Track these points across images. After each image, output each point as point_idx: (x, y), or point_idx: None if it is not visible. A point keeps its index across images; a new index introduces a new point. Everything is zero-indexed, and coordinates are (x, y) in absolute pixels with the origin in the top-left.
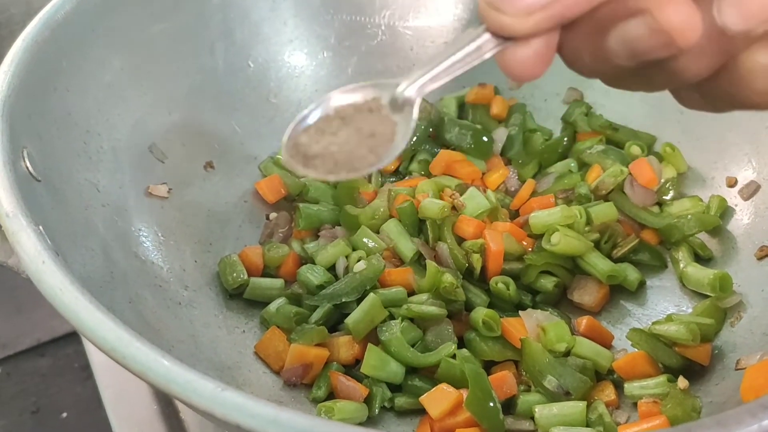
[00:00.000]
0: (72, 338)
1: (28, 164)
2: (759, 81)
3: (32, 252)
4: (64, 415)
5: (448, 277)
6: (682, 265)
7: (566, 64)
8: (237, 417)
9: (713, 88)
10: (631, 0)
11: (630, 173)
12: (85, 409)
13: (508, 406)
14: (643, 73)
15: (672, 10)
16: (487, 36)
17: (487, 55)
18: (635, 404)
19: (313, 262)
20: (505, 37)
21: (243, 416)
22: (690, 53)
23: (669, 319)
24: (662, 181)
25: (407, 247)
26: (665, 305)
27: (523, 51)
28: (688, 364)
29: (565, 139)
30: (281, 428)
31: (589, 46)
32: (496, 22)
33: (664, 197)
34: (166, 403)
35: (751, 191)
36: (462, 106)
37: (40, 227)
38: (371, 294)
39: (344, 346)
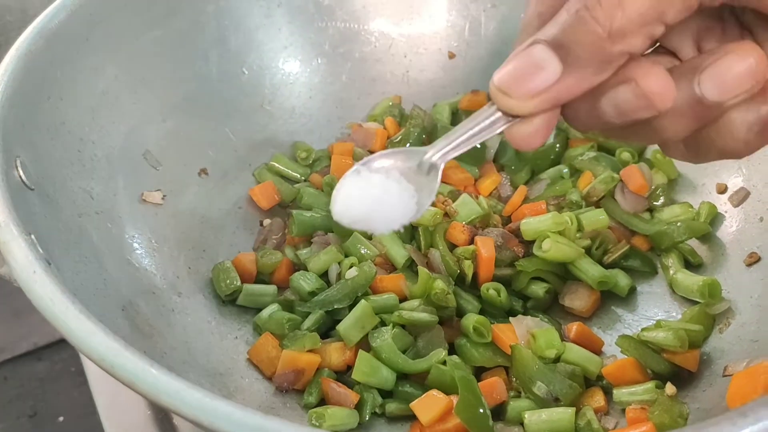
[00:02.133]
0: (68, 343)
1: (21, 173)
2: (737, 135)
3: (23, 262)
4: (61, 419)
5: (439, 284)
6: (672, 272)
7: (565, 121)
8: (224, 425)
9: (695, 142)
10: (620, 72)
11: (621, 180)
12: (81, 414)
13: (498, 412)
14: (632, 130)
15: (653, 80)
16: (498, 114)
17: (499, 130)
18: (624, 410)
19: (306, 269)
20: (512, 116)
21: (230, 425)
22: (671, 115)
23: (658, 325)
24: (653, 187)
25: (399, 253)
26: (655, 311)
27: (526, 128)
28: (677, 371)
29: (557, 145)
30: None
31: (584, 108)
32: (504, 104)
33: (654, 203)
34: (160, 409)
35: (740, 198)
36: (455, 113)
37: (32, 236)
38: (363, 301)
39: (336, 353)
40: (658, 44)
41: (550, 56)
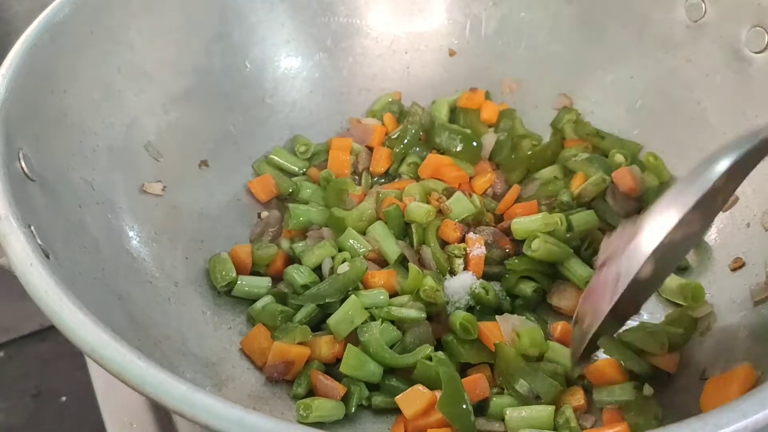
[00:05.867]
0: None
1: (24, 165)
2: None
3: (20, 254)
4: (64, 398)
5: (429, 281)
6: None
7: None
8: (205, 418)
9: None
10: None
11: (612, 181)
12: (84, 394)
13: (481, 407)
14: None
15: None
16: None
17: None
18: (602, 409)
19: (301, 262)
20: None
21: (211, 417)
22: None
23: (640, 326)
24: (643, 189)
25: (392, 249)
26: (639, 312)
27: None
28: (656, 372)
29: (553, 145)
30: (246, 430)
31: None
32: None
33: (645, 205)
34: None
35: (729, 203)
36: (453, 110)
37: (32, 228)
38: (352, 296)
39: (325, 346)
40: None
41: None
